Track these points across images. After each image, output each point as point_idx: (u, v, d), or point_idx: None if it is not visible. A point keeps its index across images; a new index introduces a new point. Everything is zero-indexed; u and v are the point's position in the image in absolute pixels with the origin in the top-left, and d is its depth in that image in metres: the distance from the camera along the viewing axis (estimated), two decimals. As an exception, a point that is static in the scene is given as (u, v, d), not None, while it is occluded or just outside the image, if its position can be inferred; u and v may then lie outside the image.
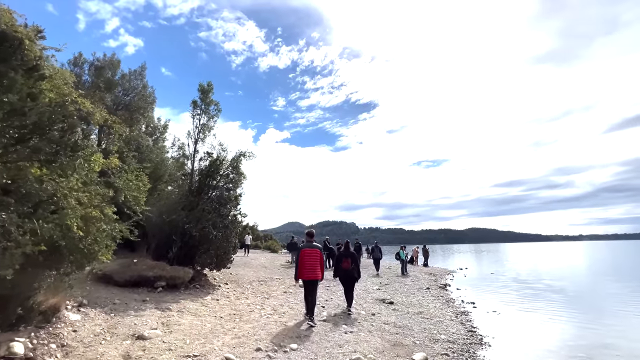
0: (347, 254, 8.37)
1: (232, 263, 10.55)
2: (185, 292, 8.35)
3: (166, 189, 11.18)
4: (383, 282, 14.71)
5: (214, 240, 9.07)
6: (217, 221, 9.19)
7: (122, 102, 10.98)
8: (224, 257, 9.48)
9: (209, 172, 9.93)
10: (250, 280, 12.08)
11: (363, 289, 12.19)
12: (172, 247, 9.05)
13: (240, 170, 10.76)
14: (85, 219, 4.04)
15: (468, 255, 53.40)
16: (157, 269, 8.21)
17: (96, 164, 4.40)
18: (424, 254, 26.11)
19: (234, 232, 9.95)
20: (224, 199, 9.77)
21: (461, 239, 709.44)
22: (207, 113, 11.88)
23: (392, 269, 21.31)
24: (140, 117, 11.44)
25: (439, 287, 13.94)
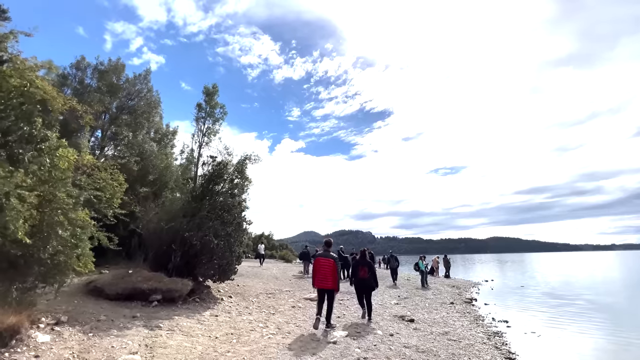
0: (363, 263, 8.24)
1: (236, 274, 9.79)
2: (182, 307, 7.63)
3: (171, 196, 10.67)
4: (402, 295, 13.55)
5: (216, 249, 8.36)
6: (218, 229, 8.50)
7: (126, 107, 10.66)
8: (227, 268, 8.74)
9: (211, 176, 9.32)
10: (257, 293, 11.27)
11: (380, 304, 11.12)
12: (172, 257, 8.41)
13: (245, 174, 10.10)
14: (42, 223, 3.38)
15: (491, 265, 50.62)
16: (153, 281, 7.55)
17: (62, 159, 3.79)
18: (445, 265, 24.54)
19: (238, 241, 9.22)
20: (228, 205, 9.09)
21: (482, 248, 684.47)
22: (212, 116, 11.40)
23: (410, 280, 19.98)
24: (144, 121, 11.10)
25: (465, 302, 12.64)
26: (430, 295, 13.98)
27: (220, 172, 9.48)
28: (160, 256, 8.43)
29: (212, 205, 9.00)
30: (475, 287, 18.75)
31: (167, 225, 8.28)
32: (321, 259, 6.86)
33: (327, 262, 6.76)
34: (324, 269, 6.72)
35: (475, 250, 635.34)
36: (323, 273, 6.72)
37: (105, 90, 10.22)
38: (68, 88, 9.62)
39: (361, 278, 8.11)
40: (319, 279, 6.76)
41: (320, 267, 6.77)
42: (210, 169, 9.50)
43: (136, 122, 10.94)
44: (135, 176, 10.45)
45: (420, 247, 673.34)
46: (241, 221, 9.44)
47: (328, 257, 6.84)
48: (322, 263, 6.78)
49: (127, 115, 10.74)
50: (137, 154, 10.74)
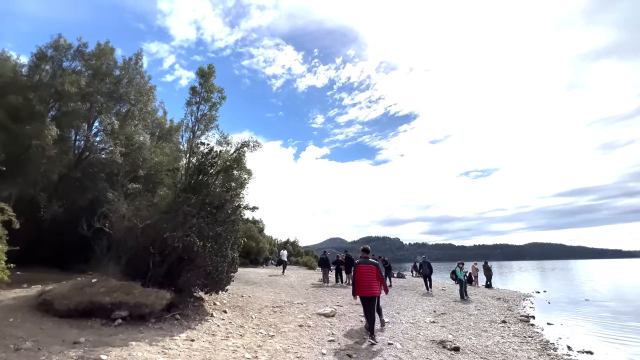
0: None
1: (231, 283, 8.10)
2: (154, 327, 6.00)
3: (162, 193, 9.28)
4: (438, 310, 11.20)
5: (201, 253, 6.71)
6: (204, 228, 6.87)
7: (115, 94, 9.50)
8: (217, 276, 7.06)
9: (201, 166, 7.76)
10: (262, 306, 9.50)
11: (412, 322, 8.94)
12: (150, 263, 6.87)
13: (243, 164, 8.45)
14: None
15: (533, 273, 45.55)
16: (119, 293, 6.01)
17: None
18: (485, 273, 21.50)
19: (232, 243, 7.54)
20: (219, 200, 7.45)
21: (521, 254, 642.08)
22: (208, 101, 9.92)
23: (446, 290, 17.36)
24: (135, 110, 9.91)
25: (520, 320, 10.07)
26: (474, 310, 11.49)
27: (212, 161, 7.90)
28: (136, 262, 6.91)
29: (200, 199, 7.40)
30: (526, 299, 15.78)
31: (143, 224, 6.78)
32: (363, 266, 6.82)
33: (370, 269, 6.74)
34: (368, 276, 6.69)
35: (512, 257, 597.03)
36: (368, 280, 6.67)
37: (90, 75, 9.14)
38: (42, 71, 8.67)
39: None
40: (364, 287, 6.66)
41: (364, 275, 6.71)
42: (200, 157, 7.95)
43: (125, 111, 9.77)
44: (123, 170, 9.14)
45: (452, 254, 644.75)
46: (236, 219, 7.76)
47: (369, 264, 6.82)
48: (365, 270, 6.75)
49: (114, 103, 9.56)
50: (125, 146, 9.50)
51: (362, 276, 6.75)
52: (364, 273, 6.77)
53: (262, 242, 37.56)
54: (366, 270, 6.78)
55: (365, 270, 6.79)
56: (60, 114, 8.34)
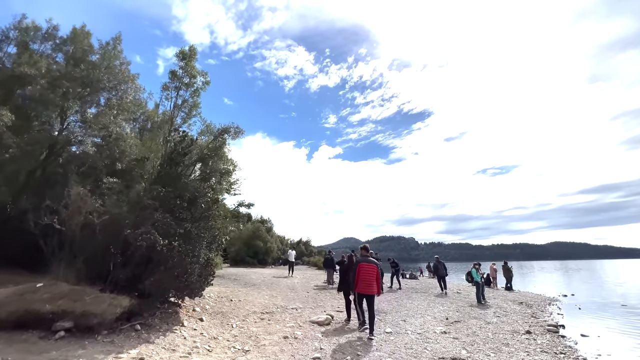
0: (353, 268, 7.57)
1: (207, 286, 7.14)
2: (104, 339, 5.08)
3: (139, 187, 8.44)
4: (451, 316, 9.91)
5: (165, 253, 5.77)
6: (170, 224, 5.92)
7: (87, 80, 8.75)
8: (188, 279, 6.09)
9: (172, 155, 6.84)
10: (249, 312, 8.52)
11: (418, 331, 7.74)
12: (111, 265, 5.98)
13: (223, 153, 7.48)
14: None
15: (557, 274, 42.87)
16: (66, 300, 5.13)
17: None
18: (505, 274, 19.85)
19: (207, 243, 6.57)
20: (191, 192, 6.50)
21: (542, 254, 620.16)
22: (190, 86, 9.01)
23: (462, 293, 15.93)
24: (113, 99, 9.15)
25: (547, 331, 8.67)
26: (492, 318, 10.14)
27: (186, 149, 6.96)
28: (98, 263, 6.04)
29: (169, 192, 6.47)
30: (552, 304, 14.18)
31: (100, 219, 5.90)
32: (364, 264, 6.93)
33: (371, 268, 6.88)
34: (368, 275, 6.83)
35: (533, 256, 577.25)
36: (367, 279, 6.81)
37: (63, 60, 8.44)
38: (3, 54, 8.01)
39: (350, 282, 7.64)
40: (363, 284, 6.82)
41: (364, 273, 6.85)
42: (172, 146, 7.03)
43: (103, 100, 9.02)
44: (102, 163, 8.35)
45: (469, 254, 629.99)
46: (213, 214, 6.78)
47: (371, 263, 6.96)
48: (366, 269, 6.88)
49: (89, 90, 8.80)
50: (101, 137, 8.72)
51: (362, 274, 6.86)
52: (363, 271, 6.88)
53: (270, 242, 36.80)
54: (367, 268, 6.89)
55: (366, 268, 6.89)
56: (23, 101, 7.65)
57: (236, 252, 35.87)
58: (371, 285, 6.80)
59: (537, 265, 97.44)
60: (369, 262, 6.95)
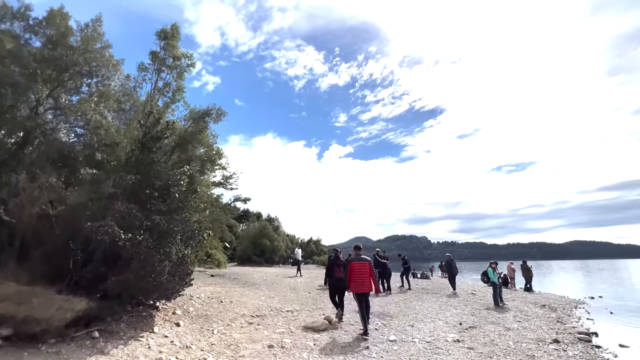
0: (339, 263, 8.01)
1: (186, 286, 6.35)
2: (49, 349, 4.32)
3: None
4: (465, 320, 8.85)
5: (129, 249, 4.99)
6: (136, 217, 5.14)
7: (65, 64, 8.11)
8: (154, 279, 5.28)
9: (144, 139, 6.07)
10: (237, 315, 7.70)
11: (427, 339, 6.75)
12: (71, 263, 5.25)
13: (205, 139, 6.67)
14: None
15: (578, 274, 40.65)
16: (9, 303, 4.40)
17: None
18: (523, 273, 18.48)
19: (184, 238, 5.77)
20: (163, 180, 5.71)
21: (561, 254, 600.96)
22: (173, 69, 8.25)
23: (477, 295, 14.74)
24: (93, 84, 8.49)
25: (578, 340, 7.52)
26: (512, 323, 9.01)
27: (160, 133, 6.18)
28: (56, 261, 5.32)
29: (137, 180, 5.70)
30: (578, 307, 12.86)
31: (54, 211, 5.17)
32: (356, 263, 6.90)
33: (363, 265, 6.85)
34: (361, 273, 6.78)
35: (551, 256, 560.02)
36: (360, 277, 6.77)
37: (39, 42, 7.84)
38: None
39: (337, 278, 7.89)
40: (355, 283, 6.78)
41: (356, 271, 6.81)
42: (145, 129, 6.26)
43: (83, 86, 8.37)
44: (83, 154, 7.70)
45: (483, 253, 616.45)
46: (185, 206, 5.96)
47: (363, 261, 6.94)
48: (358, 267, 6.85)
49: (66, 75, 8.16)
50: (81, 126, 8.07)
51: (354, 273, 6.81)
52: (355, 270, 6.82)
53: (277, 241, 36.14)
54: (358, 266, 6.83)
55: (357, 267, 6.83)
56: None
57: (243, 251, 35.38)
58: (364, 284, 6.77)
59: (556, 265, 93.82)
60: (360, 260, 6.95)
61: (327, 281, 8.54)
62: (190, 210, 6.10)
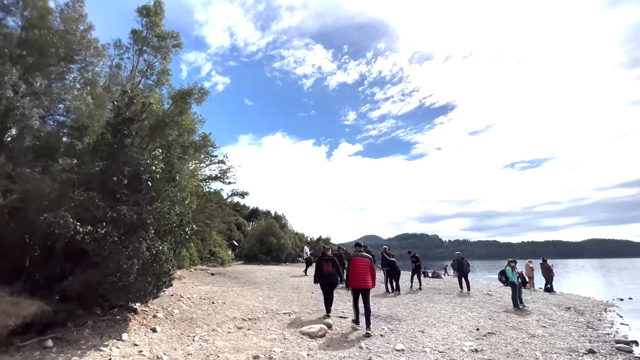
0: (327, 259, 8.10)
1: (165, 288, 5.63)
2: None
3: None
4: (483, 326, 7.90)
5: (91, 244, 4.28)
6: (98, 207, 4.43)
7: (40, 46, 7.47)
8: (120, 279, 4.56)
9: (115, 121, 5.37)
10: (227, 319, 6.96)
11: (440, 349, 5.88)
12: (27, 261, 4.58)
13: (188, 123, 5.94)
14: None
15: (598, 274, 38.63)
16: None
17: None
18: (543, 273, 17.25)
19: (152, 232, 5.04)
20: (135, 167, 4.99)
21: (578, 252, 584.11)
22: (158, 50, 7.54)
23: (493, 295, 13.69)
24: (74, 69, 7.88)
25: (617, 350, 6.49)
26: (537, 328, 8.02)
27: (132, 116, 5.46)
28: (11, 259, 4.66)
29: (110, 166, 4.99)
30: (608, 310, 11.68)
31: (5, 201, 4.50)
32: (358, 259, 7.01)
33: (364, 262, 6.95)
34: (362, 269, 6.85)
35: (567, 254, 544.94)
36: (361, 273, 6.83)
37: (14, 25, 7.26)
38: None
39: (325, 273, 7.97)
40: (357, 278, 6.80)
41: (358, 267, 6.87)
42: (117, 111, 5.55)
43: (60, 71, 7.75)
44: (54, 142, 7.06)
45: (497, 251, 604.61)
46: (158, 196, 5.22)
47: (364, 257, 7.06)
48: (360, 263, 6.93)
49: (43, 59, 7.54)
50: (61, 113, 7.45)
51: (356, 269, 6.86)
52: (357, 266, 6.88)
53: (283, 239, 35.44)
54: (360, 262, 6.92)
55: (359, 262, 6.92)
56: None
57: (249, 249, 34.88)
58: (366, 279, 6.79)
59: (574, 264, 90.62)
60: (361, 257, 7.02)
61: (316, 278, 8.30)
62: (167, 201, 5.38)
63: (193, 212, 10.97)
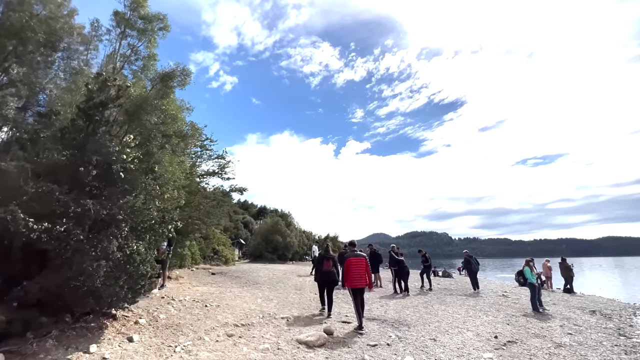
0: (327, 257, 8.06)
1: (141, 294, 5.04)
2: None
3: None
4: (502, 333, 7.12)
5: (50, 244, 3.70)
6: (57, 200, 3.85)
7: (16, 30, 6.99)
8: (83, 283, 3.96)
9: (86, 107, 4.79)
10: (218, 324, 6.35)
11: (454, 362, 5.15)
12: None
13: (167, 106, 5.32)
14: None
15: (616, 273, 36.95)
16: None
17: None
18: (563, 272, 16.24)
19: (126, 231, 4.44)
20: (104, 156, 4.40)
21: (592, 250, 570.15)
22: (143, 33, 6.95)
23: (509, 297, 12.82)
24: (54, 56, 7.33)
25: (661, 363, 5.66)
26: (562, 336, 7.20)
27: (109, 99, 4.87)
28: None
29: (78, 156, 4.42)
30: (637, 313, 10.72)
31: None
32: (353, 259, 7.05)
33: (360, 261, 7.01)
34: (358, 268, 6.93)
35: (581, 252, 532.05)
36: (358, 272, 6.91)
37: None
38: None
39: (325, 272, 7.88)
40: (353, 278, 6.89)
41: (354, 267, 6.94)
42: (88, 95, 4.97)
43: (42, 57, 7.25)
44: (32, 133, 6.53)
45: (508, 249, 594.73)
46: (132, 189, 4.61)
47: (359, 257, 7.09)
48: (355, 262, 7.00)
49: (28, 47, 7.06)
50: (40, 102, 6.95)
51: (352, 268, 6.93)
52: (353, 265, 6.95)
53: (289, 237, 34.96)
54: (356, 262, 6.98)
55: (355, 262, 6.99)
56: None
57: (255, 247, 34.51)
58: (362, 278, 6.91)
59: (588, 262, 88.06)
60: (357, 256, 7.07)
61: (315, 276, 8.39)
62: (144, 195, 4.77)
63: (189, 209, 10.44)
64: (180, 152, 6.72)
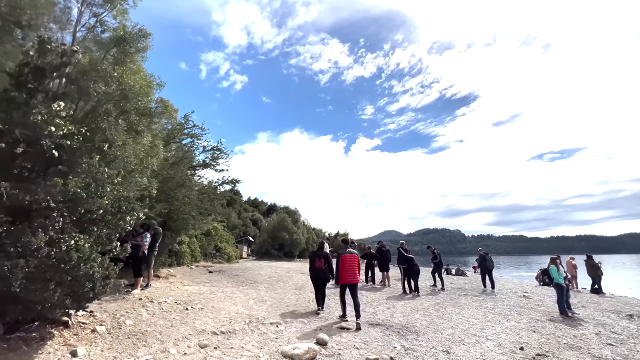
0: (320, 255, 8.02)
1: (93, 298, 4.21)
2: None
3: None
4: (528, 343, 6.02)
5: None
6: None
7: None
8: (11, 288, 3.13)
9: (19, 74, 3.97)
10: (194, 332, 5.49)
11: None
12: None
13: (122, 75, 4.48)
14: None
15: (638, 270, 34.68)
16: None
17: None
18: (589, 272, 14.82)
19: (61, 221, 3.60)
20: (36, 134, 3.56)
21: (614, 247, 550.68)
22: (112, 3, 6.09)
23: (530, 298, 11.59)
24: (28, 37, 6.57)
25: None
26: (601, 347, 6.06)
27: (46, 64, 4.03)
28: None
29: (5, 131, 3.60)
30: (682, 318, 9.37)
31: None
32: (347, 255, 7.16)
33: (353, 258, 7.15)
34: (351, 265, 7.06)
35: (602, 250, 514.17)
36: (351, 268, 7.03)
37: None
38: None
39: (316, 268, 7.82)
40: (347, 274, 7.01)
41: (348, 263, 7.06)
42: (22, 60, 4.14)
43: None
44: None
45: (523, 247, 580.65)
46: (69, 171, 3.76)
47: (352, 253, 7.21)
48: (349, 259, 7.12)
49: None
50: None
51: (347, 265, 7.06)
52: (348, 262, 7.09)
53: (296, 234, 34.11)
54: (350, 259, 7.13)
55: (349, 259, 7.13)
56: None
57: (261, 244, 33.84)
58: (354, 274, 7.02)
59: (610, 260, 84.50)
60: (350, 253, 7.16)
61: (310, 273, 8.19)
62: (85, 178, 3.93)
63: (177, 202, 9.67)
64: (146, 131, 5.91)
